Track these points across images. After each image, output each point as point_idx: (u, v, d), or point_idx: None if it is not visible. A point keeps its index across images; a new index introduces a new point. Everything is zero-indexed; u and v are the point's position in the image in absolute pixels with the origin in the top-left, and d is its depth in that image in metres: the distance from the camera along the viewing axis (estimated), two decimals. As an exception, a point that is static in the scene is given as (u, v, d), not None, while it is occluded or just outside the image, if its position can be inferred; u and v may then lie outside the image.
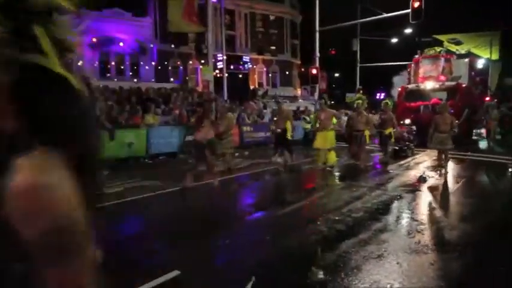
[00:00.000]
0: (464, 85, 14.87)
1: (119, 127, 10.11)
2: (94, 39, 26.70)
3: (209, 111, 6.88)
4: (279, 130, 8.69)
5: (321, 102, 9.88)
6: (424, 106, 14.37)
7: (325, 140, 8.66)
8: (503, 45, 30.52)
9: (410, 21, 14.87)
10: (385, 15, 17.46)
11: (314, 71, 18.44)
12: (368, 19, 19.48)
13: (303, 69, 37.85)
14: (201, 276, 3.23)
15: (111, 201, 5.84)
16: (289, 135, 8.88)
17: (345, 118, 16.81)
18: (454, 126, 7.79)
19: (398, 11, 16.08)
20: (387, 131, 9.82)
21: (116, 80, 24.93)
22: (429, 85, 15.07)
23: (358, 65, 27.94)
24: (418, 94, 15.16)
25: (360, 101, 9.16)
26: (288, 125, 8.82)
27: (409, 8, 14.68)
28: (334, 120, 9.58)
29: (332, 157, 8.93)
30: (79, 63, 25.66)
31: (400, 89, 16.70)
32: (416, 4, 14.43)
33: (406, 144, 11.36)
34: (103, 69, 28.01)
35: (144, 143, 10.56)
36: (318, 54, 19.12)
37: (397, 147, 11.04)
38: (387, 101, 10.37)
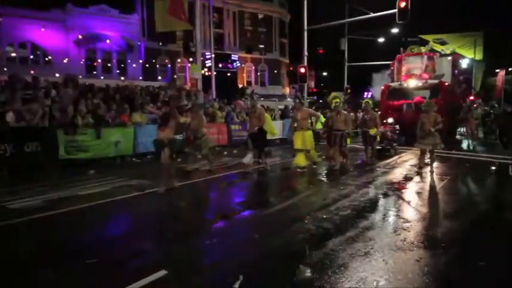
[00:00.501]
0: (447, 83, 14.77)
1: (105, 125, 9.98)
2: (80, 36, 26.30)
3: (175, 110, 6.66)
4: (256, 128, 8.29)
5: (296, 101, 9.68)
6: (407, 105, 14.29)
7: (303, 140, 8.35)
8: (487, 46, 31.19)
9: (397, 21, 15.06)
10: (372, 14, 17.64)
11: (302, 70, 18.50)
12: (355, 18, 19.66)
13: (291, 68, 38.00)
14: (188, 275, 3.21)
15: (98, 200, 5.77)
16: (270, 135, 8.56)
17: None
18: (438, 124, 7.63)
19: (386, 10, 16.24)
20: (372, 131, 9.62)
21: (102, 77, 24.58)
22: (412, 83, 14.88)
23: (346, 64, 28.16)
24: (401, 92, 15.04)
25: (337, 100, 8.93)
26: (269, 125, 8.46)
27: (395, 8, 14.87)
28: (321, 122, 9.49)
29: (313, 157, 8.76)
30: (65, 61, 25.30)
31: (382, 87, 16.54)
32: (403, 4, 14.63)
33: (389, 143, 11.24)
34: (89, 67, 27.59)
35: (132, 141, 10.44)
36: (306, 53, 19.19)
37: (380, 147, 10.84)
38: (368, 100, 10.08)
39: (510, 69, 36.29)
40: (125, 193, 6.28)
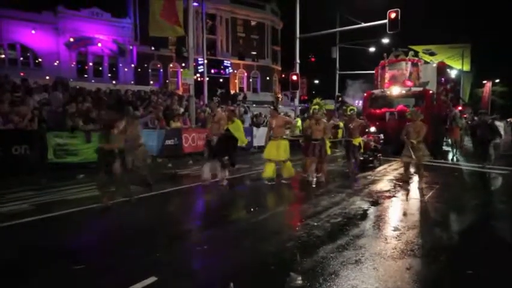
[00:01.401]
0: (431, 91, 13.96)
1: (96, 130, 9.87)
2: (71, 39, 26.10)
3: (116, 116, 5.65)
4: (214, 137, 7.31)
5: (271, 108, 8.88)
6: (390, 113, 13.72)
7: (277, 150, 7.61)
8: (474, 57, 31.95)
9: (388, 31, 15.32)
10: (363, 24, 17.88)
11: (294, 77, 18.63)
12: (346, 28, 19.90)
13: (283, 75, 38.24)
14: (178, 282, 3.18)
15: (87, 205, 5.69)
16: (240, 143, 7.88)
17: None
18: (423, 133, 7.24)
19: (377, 21, 16.49)
20: (356, 141, 8.88)
21: (93, 81, 24.40)
22: (395, 91, 14.06)
23: (338, 72, 28.45)
24: (384, 100, 14.39)
25: (316, 107, 7.97)
26: (239, 132, 7.72)
27: (386, 19, 15.14)
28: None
29: (289, 169, 7.93)
30: (55, 63, 25.07)
31: (365, 94, 15.81)
32: (393, 15, 14.93)
33: (373, 154, 10.50)
34: (80, 70, 27.37)
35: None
36: (298, 60, 19.35)
37: (362, 158, 9.96)
38: (353, 107, 9.42)
39: (497, 80, 37.17)
40: (114, 198, 6.19)
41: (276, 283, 3.13)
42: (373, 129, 12.41)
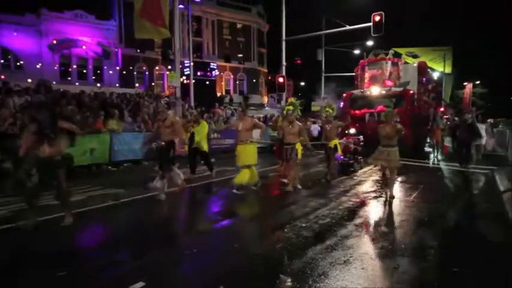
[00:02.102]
0: (412, 91, 13.49)
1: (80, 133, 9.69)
2: (54, 41, 25.60)
3: (45, 118, 4.62)
4: (162, 143, 6.39)
5: (238, 109, 8.25)
6: (370, 114, 13.37)
7: (245, 156, 6.98)
8: (455, 60, 32.74)
9: (372, 34, 15.55)
10: (348, 27, 18.11)
11: (281, 80, 18.71)
12: (332, 31, 20.13)
13: (270, 77, 38.34)
14: (167, 286, 3.14)
15: (73, 209, 5.57)
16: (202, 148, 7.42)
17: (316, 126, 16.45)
18: (400, 136, 6.44)
19: (362, 24, 16.72)
20: (332, 143, 8.35)
21: (77, 84, 23.98)
22: (375, 91, 13.68)
23: (323, 74, 28.70)
24: (364, 101, 13.99)
25: (290, 107, 7.36)
26: (200, 136, 7.31)
27: (371, 22, 15.37)
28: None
29: (253, 175, 7.12)
30: (38, 66, 24.53)
31: (344, 94, 15.29)
32: (377, 18, 15.17)
33: (353, 157, 9.89)
34: (64, 73, 26.86)
35: (107, 149, 10.19)
36: (284, 63, 19.45)
37: (342, 161, 9.43)
38: (328, 108, 8.76)
39: (477, 82, 38.14)
40: (100, 202, 6.11)
41: (266, 285, 3.13)
42: (352, 130, 12.21)
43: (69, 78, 26.52)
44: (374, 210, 5.81)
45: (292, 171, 7.32)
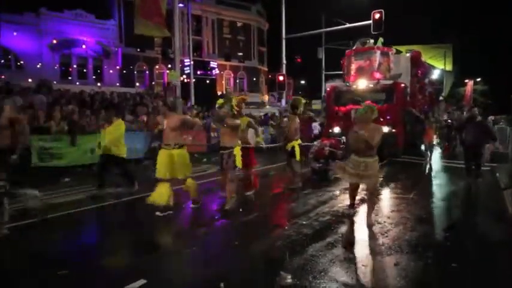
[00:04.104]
0: (403, 85, 11.78)
1: (80, 132, 9.72)
2: (54, 41, 25.62)
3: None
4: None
5: (159, 105, 6.22)
6: (355, 111, 11.68)
7: (170, 164, 5.13)
8: (456, 57, 32.70)
9: (372, 32, 15.50)
10: (348, 25, 18.09)
11: (281, 78, 18.70)
12: (332, 29, 20.11)
13: (270, 76, 38.33)
14: (168, 284, 3.17)
15: (74, 209, 5.61)
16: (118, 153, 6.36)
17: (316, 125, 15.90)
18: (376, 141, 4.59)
19: (362, 21, 16.70)
20: (289, 145, 6.83)
21: (77, 83, 24.01)
22: (362, 84, 11.72)
23: (324, 72, 28.68)
24: (350, 96, 12.06)
25: (220, 101, 5.67)
26: (109, 141, 6.14)
27: (371, 20, 15.36)
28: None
29: (192, 188, 5.57)
30: (38, 66, 24.54)
31: (328, 88, 13.57)
32: (377, 16, 15.15)
33: (326, 162, 7.80)
34: (64, 72, 26.88)
35: (108, 149, 10.18)
36: (284, 61, 19.44)
37: (314, 167, 8.02)
38: (300, 99, 7.37)
39: (478, 79, 38.07)
40: (100, 202, 6.12)
41: (267, 282, 3.14)
42: (337, 129, 11.00)
43: (69, 78, 26.55)
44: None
45: (229, 185, 5.53)
